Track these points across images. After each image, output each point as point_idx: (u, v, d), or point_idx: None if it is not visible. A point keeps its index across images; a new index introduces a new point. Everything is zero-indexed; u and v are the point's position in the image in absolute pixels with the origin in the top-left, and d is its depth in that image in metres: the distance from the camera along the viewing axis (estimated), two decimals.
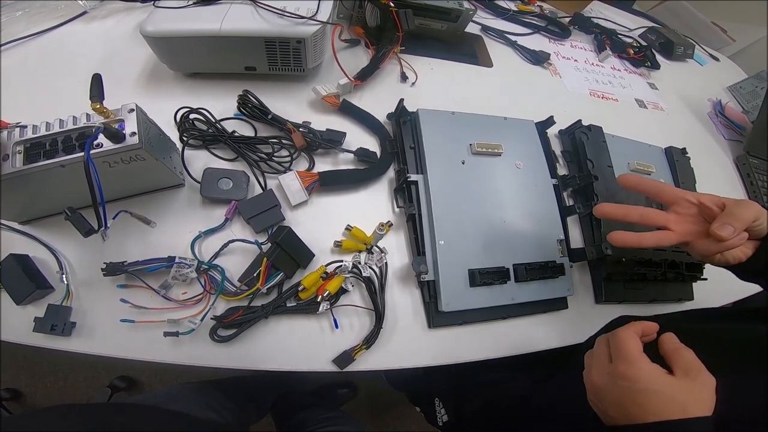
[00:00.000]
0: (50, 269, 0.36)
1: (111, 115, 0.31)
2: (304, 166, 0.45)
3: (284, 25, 0.42)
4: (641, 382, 0.26)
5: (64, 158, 0.30)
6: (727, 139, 0.78)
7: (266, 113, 0.45)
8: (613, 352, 0.28)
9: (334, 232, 0.42)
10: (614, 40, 0.84)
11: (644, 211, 0.34)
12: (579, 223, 0.53)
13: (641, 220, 0.34)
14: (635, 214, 0.34)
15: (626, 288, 0.49)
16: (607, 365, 0.28)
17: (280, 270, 0.37)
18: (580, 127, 0.57)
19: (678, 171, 0.59)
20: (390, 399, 1.06)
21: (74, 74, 0.46)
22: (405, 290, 0.42)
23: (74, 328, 0.34)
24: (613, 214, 0.35)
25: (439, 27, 0.63)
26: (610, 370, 0.27)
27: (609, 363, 0.28)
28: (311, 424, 0.62)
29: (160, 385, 0.99)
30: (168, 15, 0.42)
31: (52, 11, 0.51)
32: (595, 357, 0.30)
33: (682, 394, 0.25)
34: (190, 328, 0.34)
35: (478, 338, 0.42)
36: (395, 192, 0.46)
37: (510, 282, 0.43)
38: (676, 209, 0.34)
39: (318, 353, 0.37)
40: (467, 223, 0.44)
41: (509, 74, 0.68)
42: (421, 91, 0.58)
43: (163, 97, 0.46)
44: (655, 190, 0.35)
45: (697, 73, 0.94)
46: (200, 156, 0.43)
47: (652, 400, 0.25)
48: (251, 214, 0.39)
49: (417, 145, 0.47)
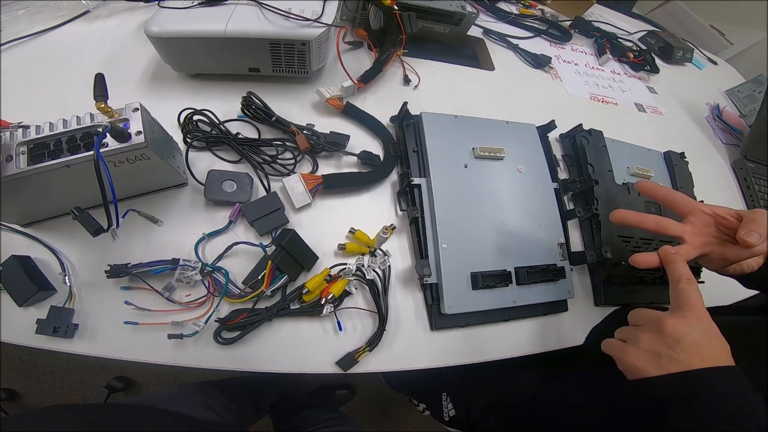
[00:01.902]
0: (52, 271, 0.36)
1: (115, 115, 0.31)
2: (307, 168, 0.45)
3: (289, 27, 0.42)
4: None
5: (70, 158, 0.29)
6: (724, 143, 0.79)
7: (270, 115, 0.45)
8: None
9: (337, 234, 0.42)
10: (614, 43, 0.85)
11: (660, 220, 0.35)
12: (579, 227, 0.53)
13: (656, 228, 0.35)
14: (651, 222, 0.35)
15: (625, 291, 0.50)
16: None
17: (284, 273, 0.37)
18: (580, 131, 0.57)
19: (677, 175, 0.60)
20: (389, 400, 1.07)
21: (76, 74, 0.46)
22: (408, 293, 0.42)
23: (77, 330, 0.34)
24: (629, 220, 0.35)
25: (441, 30, 0.64)
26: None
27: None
28: (310, 424, 0.62)
29: (157, 385, 0.98)
30: (173, 15, 0.42)
31: (55, 10, 0.50)
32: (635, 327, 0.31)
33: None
34: (194, 330, 0.34)
35: (480, 340, 0.43)
36: (398, 195, 0.46)
37: (511, 285, 0.43)
38: (691, 220, 0.34)
39: (321, 355, 0.38)
40: (470, 227, 0.44)
41: (511, 77, 0.68)
42: (423, 94, 0.58)
43: (167, 98, 0.46)
44: (670, 198, 0.36)
45: (696, 77, 0.95)
46: (204, 158, 0.43)
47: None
48: (255, 216, 0.39)
49: (420, 148, 0.47)
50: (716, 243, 0.34)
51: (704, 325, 0.28)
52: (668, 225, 0.34)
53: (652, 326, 0.29)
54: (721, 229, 0.34)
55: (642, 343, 0.28)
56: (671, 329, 0.27)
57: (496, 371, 0.49)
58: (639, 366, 0.28)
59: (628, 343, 0.30)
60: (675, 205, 0.36)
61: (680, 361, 0.26)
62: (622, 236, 0.50)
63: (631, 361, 0.28)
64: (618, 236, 0.50)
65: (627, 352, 0.29)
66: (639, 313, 0.31)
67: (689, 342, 0.27)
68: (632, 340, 0.30)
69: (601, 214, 0.50)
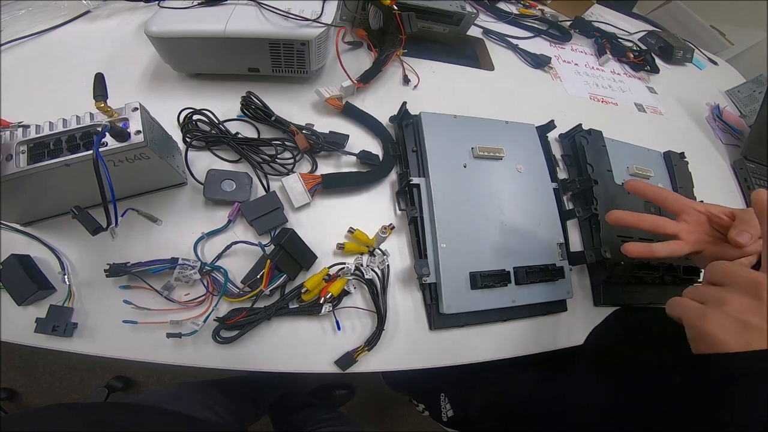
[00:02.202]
0: (52, 270, 0.36)
1: (115, 114, 0.31)
2: (306, 168, 0.46)
3: (289, 27, 0.42)
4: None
5: (70, 157, 0.29)
6: (724, 143, 0.79)
7: (269, 115, 0.45)
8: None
9: (336, 234, 0.42)
10: (614, 43, 0.85)
11: (656, 219, 0.34)
12: (578, 227, 0.53)
13: (652, 227, 0.34)
14: (647, 221, 0.35)
15: (624, 291, 0.50)
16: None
17: (283, 272, 0.37)
18: (580, 131, 0.57)
19: (676, 175, 0.60)
20: (388, 400, 1.07)
21: (77, 74, 0.46)
22: (406, 292, 0.42)
23: (76, 329, 0.34)
24: (625, 220, 0.35)
25: (441, 30, 0.64)
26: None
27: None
28: (310, 424, 0.62)
29: (157, 385, 0.98)
30: (173, 15, 0.42)
31: (55, 10, 0.50)
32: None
33: None
34: (192, 329, 0.34)
35: (478, 340, 0.43)
36: (397, 195, 0.46)
37: (510, 285, 0.43)
38: (685, 218, 0.34)
39: (320, 355, 0.38)
40: (469, 227, 0.44)
41: (510, 77, 0.68)
42: (423, 94, 0.58)
43: (167, 98, 0.46)
44: (661, 197, 0.36)
45: (696, 77, 0.95)
46: (203, 157, 0.43)
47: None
48: (254, 216, 0.39)
49: (419, 148, 0.47)
50: (710, 241, 0.33)
51: None
52: (664, 224, 0.34)
53: (748, 288, 0.23)
54: (716, 228, 0.33)
55: (731, 308, 0.23)
56: None
57: (495, 371, 0.49)
58: (720, 336, 0.23)
59: (709, 305, 0.25)
60: (666, 203, 0.35)
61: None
62: (622, 236, 0.50)
63: (712, 330, 0.23)
64: (617, 236, 0.50)
65: (708, 317, 0.24)
66: (726, 268, 0.26)
67: None
68: (716, 302, 0.24)
69: (601, 214, 0.50)
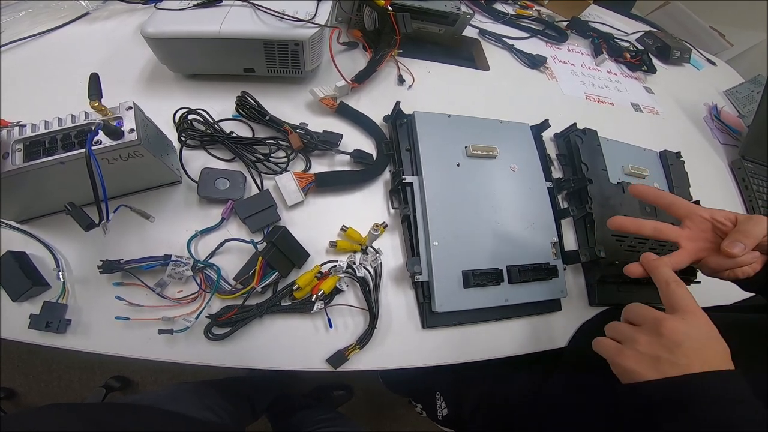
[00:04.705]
0: (47, 267, 0.36)
1: (109, 113, 0.31)
2: (300, 167, 0.46)
3: (283, 27, 0.43)
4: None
5: (64, 155, 0.30)
6: (722, 143, 0.79)
7: (264, 114, 0.45)
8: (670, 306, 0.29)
9: (329, 232, 0.42)
10: (611, 44, 0.85)
11: (658, 225, 0.34)
12: (573, 226, 0.53)
13: (654, 233, 0.34)
14: (648, 227, 0.34)
15: (619, 290, 0.50)
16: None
17: (275, 269, 0.37)
18: (575, 131, 0.58)
19: (672, 175, 0.60)
20: (386, 401, 1.06)
21: (76, 74, 0.46)
22: (399, 291, 0.42)
23: (69, 326, 0.34)
24: (626, 227, 0.35)
25: (436, 30, 0.64)
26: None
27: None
28: (308, 425, 0.62)
29: (154, 385, 0.98)
30: (169, 17, 0.42)
31: (55, 12, 0.51)
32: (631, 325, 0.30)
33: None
34: (184, 326, 0.34)
35: (471, 339, 0.43)
36: (391, 193, 0.46)
37: (503, 283, 0.43)
38: (689, 224, 0.34)
39: (312, 352, 0.38)
40: (462, 225, 0.44)
41: (506, 78, 0.69)
42: (418, 94, 0.58)
43: (163, 98, 0.47)
44: (666, 202, 0.35)
45: (694, 78, 0.95)
46: (198, 156, 0.44)
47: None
48: (247, 213, 0.40)
49: (413, 147, 0.47)
50: (711, 249, 0.33)
51: (704, 326, 0.27)
52: (666, 230, 0.34)
53: (651, 327, 0.27)
54: (719, 234, 0.33)
55: (640, 346, 0.27)
56: (671, 331, 0.26)
57: (488, 370, 0.49)
58: (637, 370, 0.26)
59: (624, 344, 0.28)
60: (672, 209, 0.35)
61: (680, 365, 0.25)
62: (616, 236, 0.50)
63: (628, 365, 0.27)
64: (612, 236, 0.50)
65: (623, 354, 0.28)
66: (636, 309, 0.30)
67: (689, 346, 0.26)
68: (628, 342, 0.28)
69: (595, 213, 0.50)
